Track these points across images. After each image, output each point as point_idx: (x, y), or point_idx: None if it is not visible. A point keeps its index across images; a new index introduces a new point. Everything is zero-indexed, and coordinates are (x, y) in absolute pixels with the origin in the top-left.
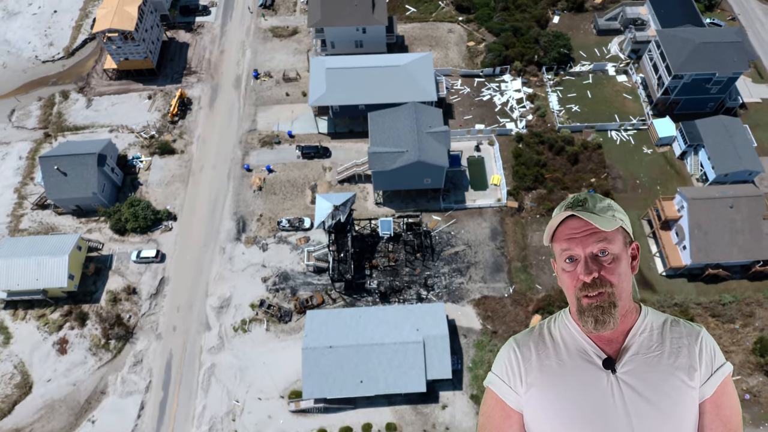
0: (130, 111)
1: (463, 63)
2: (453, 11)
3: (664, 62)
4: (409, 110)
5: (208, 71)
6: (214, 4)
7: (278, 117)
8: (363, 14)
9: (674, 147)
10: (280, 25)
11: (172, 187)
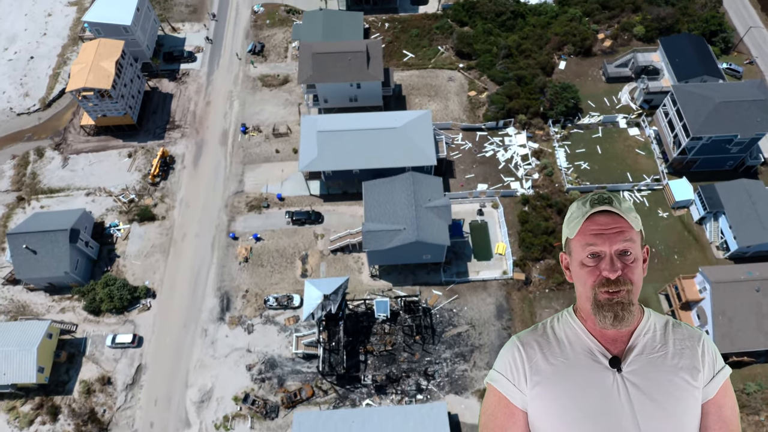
0: (109, 171)
1: (464, 115)
2: (453, 57)
3: (681, 121)
4: (406, 181)
5: (192, 125)
6: (201, 50)
7: (267, 177)
8: (357, 70)
9: (692, 210)
10: (271, 73)
11: (151, 259)
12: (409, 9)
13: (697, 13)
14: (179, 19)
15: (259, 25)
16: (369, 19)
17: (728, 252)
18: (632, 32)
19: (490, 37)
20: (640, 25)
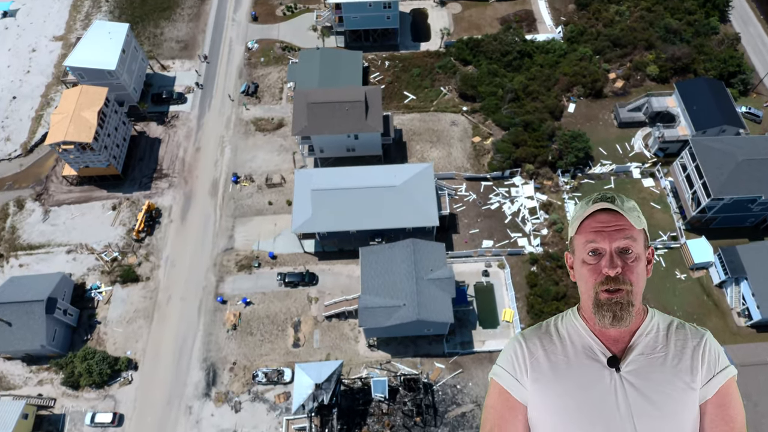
0: (92, 225)
1: (468, 163)
2: (456, 99)
3: (700, 179)
4: (406, 248)
5: (181, 174)
6: (192, 90)
7: (259, 231)
8: (355, 120)
9: (711, 271)
10: (264, 116)
11: (134, 326)
12: (411, 46)
13: (714, 52)
14: (169, 56)
15: (253, 63)
16: (368, 57)
17: (751, 320)
18: (645, 72)
19: (495, 78)
20: (653, 64)
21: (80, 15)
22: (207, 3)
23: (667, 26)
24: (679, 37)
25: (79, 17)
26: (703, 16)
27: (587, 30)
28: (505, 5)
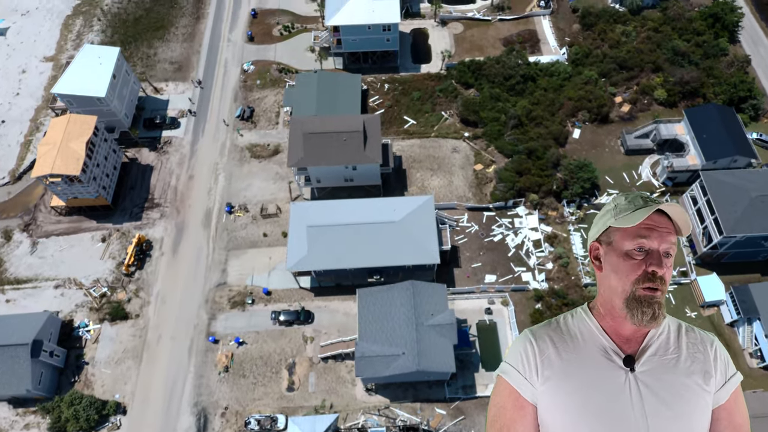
0: (81, 258)
1: (469, 192)
2: (457, 124)
3: (712, 215)
4: (405, 291)
5: (173, 204)
6: (185, 115)
7: (253, 265)
8: (353, 152)
9: (722, 310)
10: (260, 142)
11: (122, 367)
12: (411, 68)
13: (724, 75)
14: (162, 78)
15: (249, 85)
16: (367, 80)
17: (763, 362)
18: (653, 96)
19: (497, 103)
20: (661, 88)
21: (71, 34)
22: (202, 22)
23: (675, 48)
24: (687, 59)
25: (71, 36)
26: (712, 36)
27: (592, 52)
28: (507, 25)
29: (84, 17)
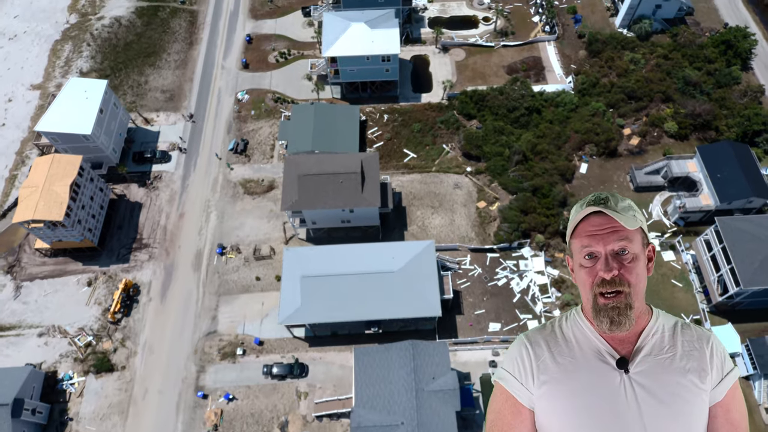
0: (66, 304)
1: (472, 232)
2: (459, 158)
3: (728, 264)
4: (405, 352)
5: (162, 244)
6: (176, 148)
7: (245, 312)
8: (350, 194)
9: (738, 362)
10: (254, 177)
11: (107, 424)
12: (411, 98)
13: (737, 106)
14: (154, 108)
15: (243, 116)
16: (366, 110)
17: None
18: (663, 128)
19: (501, 136)
20: (671, 120)
21: (60, 61)
22: (195, 48)
23: (686, 78)
24: (698, 89)
25: (59, 63)
26: (724, 64)
27: (600, 81)
28: (511, 51)
29: (73, 42)
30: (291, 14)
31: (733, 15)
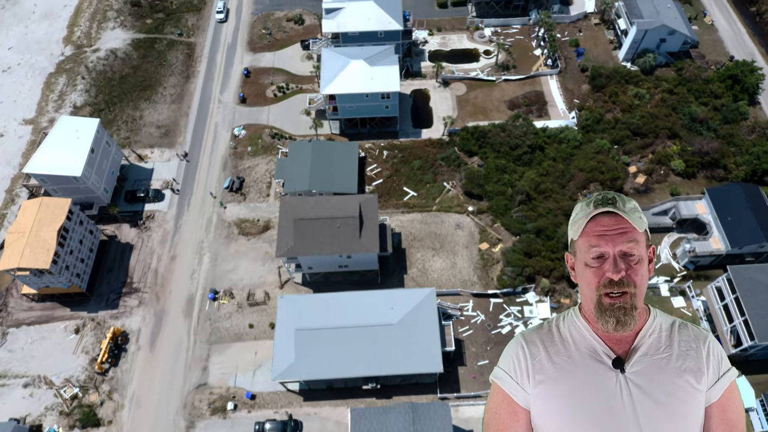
0: (52, 352)
1: (474, 275)
2: (461, 196)
3: (742, 316)
4: (404, 415)
5: (153, 289)
6: (169, 186)
7: (237, 362)
8: (347, 240)
9: (752, 417)
10: (249, 216)
11: None
12: (411, 133)
13: (745, 143)
14: (148, 144)
15: (239, 152)
16: (365, 146)
17: None
18: (669, 166)
19: (503, 174)
20: (678, 157)
21: (53, 94)
22: (192, 82)
23: (692, 115)
24: (705, 125)
25: (52, 97)
26: (730, 99)
27: (604, 117)
28: (513, 86)
29: (67, 75)
30: (290, 47)
31: (738, 48)
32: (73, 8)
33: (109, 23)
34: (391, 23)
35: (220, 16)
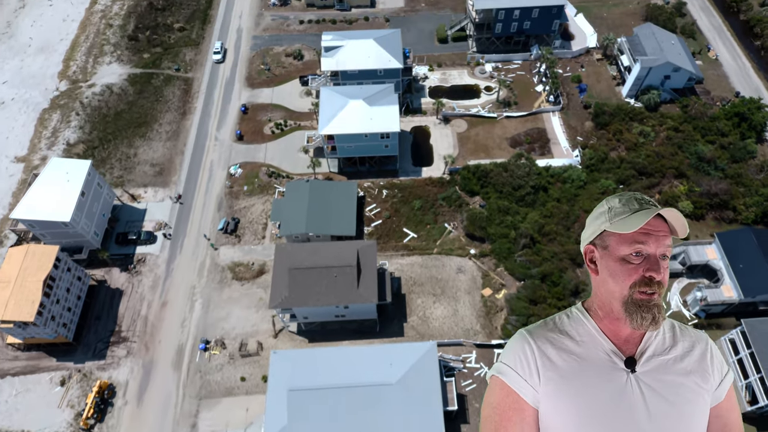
0: (36, 406)
1: (477, 323)
2: (462, 238)
3: (758, 372)
4: None
5: (142, 338)
6: (162, 227)
7: (227, 419)
8: (345, 290)
9: None
10: (244, 260)
11: None
12: (411, 172)
13: (755, 183)
14: (141, 183)
15: (235, 192)
16: (364, 185)
17: None
18: (677, 207)
19: (506, 216)
20: (686, 199)
21: (46, 131)
22: (188, 118)
23: (699, 154)
24: (713, 165)
25: (45, 134)
26: (738, 137)
27: (608, 156)
28: (514, 123)
29: (61, 111)
30: (288, 83)
31: (744, 83)
32: (69, 42)
33: (106, 57)
34: (391, 61)
35: (217, 57)
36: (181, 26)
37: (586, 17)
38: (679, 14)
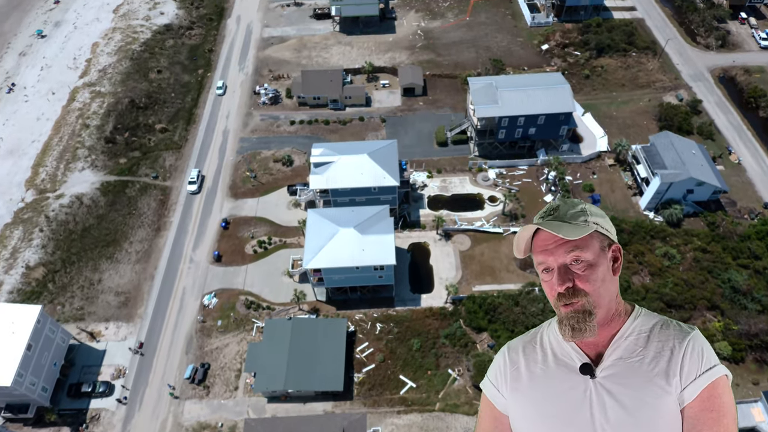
0: None
1: None
2: (469, 389)
3: None
4: None
5: None
6: (122, 374)
7: None
8: None
9: None
10: (211, 420)
11: None
12: (409, 300)
13: None
14: (103, 317)
15: (208, 328)
16: (355, 317)
17: None
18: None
19: None
20: (723, 339)
21: (6, 251)
22: (162, 235)
23: (733, 285)
24: (749, 297)
25: (4, 255)
26: None
27: (631, 284)
28: None
29: (24, 227)
30: (275, 192)
31: None
32: (41, 144)
33: (79, 163)
34: (386, 178)
35: (192, 188)
36: (164, 127)
37: (594, 117)
38: (695, 112)
